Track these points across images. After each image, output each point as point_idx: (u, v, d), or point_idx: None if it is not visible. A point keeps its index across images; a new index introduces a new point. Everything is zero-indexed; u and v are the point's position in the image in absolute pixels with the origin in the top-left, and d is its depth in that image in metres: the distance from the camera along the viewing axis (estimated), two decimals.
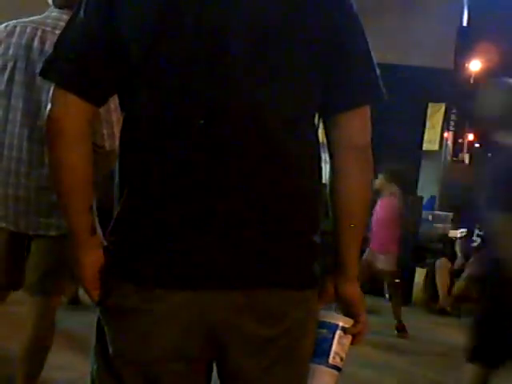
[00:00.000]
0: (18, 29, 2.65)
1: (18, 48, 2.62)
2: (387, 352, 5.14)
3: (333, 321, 1.52)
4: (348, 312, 1.54)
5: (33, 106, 2.60)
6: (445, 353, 5.39)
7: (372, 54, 1.49)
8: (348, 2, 1.47)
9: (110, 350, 1.45)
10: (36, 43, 2.61)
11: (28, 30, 2.64)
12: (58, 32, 2.58)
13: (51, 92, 1.44)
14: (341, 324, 1.51)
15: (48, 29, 2.62)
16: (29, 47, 2.61)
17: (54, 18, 2.66)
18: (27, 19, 2.70)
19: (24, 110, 2.62)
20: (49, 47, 2.57)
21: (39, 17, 2.70)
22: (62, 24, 2.59)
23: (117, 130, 2.55)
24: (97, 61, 1.41)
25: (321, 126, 1.51)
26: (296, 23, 1.41)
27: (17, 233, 2.68)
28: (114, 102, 1.93)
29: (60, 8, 2.66)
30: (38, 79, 2.57)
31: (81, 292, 5.42)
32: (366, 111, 1.48)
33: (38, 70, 2.56)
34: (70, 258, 2.72)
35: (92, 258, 1.47)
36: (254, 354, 1.43)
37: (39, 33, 2.62)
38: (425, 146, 9.46)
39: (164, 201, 1.40)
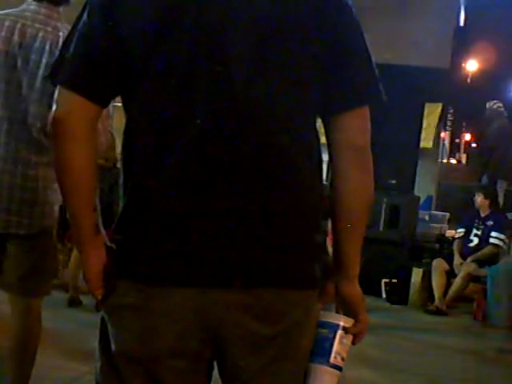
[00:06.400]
0: None
1: None
2: (385, 351, 5.14)
3: (334, 320, 1.52)
4: (348, 312, 1.54)
5: (12, 100, 2.57)
6: (443, 352, 5.40)
7: (371, 54, 1.49)
8: (347, 3, 1.48)
9: (113, 347, 1.46)
10: (15, 37, 2.56)
11: (6, 23, 2.59)
12: (37, 25, 2.54)
13: (56, 93, 1.45)
14: (342, 324, 1.52)
15: (28, 22, 2.58)
16: (8, 40, 2.57)
17: (33, 11, 2.60)
18: (4, 12, 2.64)
19: (3, 104, 2.58)
20: (29, 40, 2.54)
21: (17, 9, 2.65)
22: (41, 17, 2.56)
23: (101, 126, 2.51)
24: (100, 62, 1.43)
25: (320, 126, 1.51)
26: (294, 23, 1.42)
27: None
28: None
29: (39, 1, 2.61)
30: (18, 74, 2.54)
31: (80, 293, 5.43)
32: (365, 112, 1.49)
33: (18, 64, 2.54)
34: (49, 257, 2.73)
35: (96, 257, 1.48)
36: (253, 352, 1.44)
37: (18, 26, 2.57)
38: (420, 145, 9.45)
39: (164, 200, 1.41)
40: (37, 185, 2.59)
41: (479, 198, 7.18)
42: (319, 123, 1.50)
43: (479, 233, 7.10)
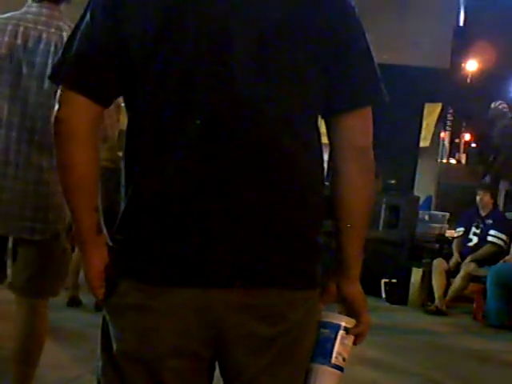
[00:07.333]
0: None
1: (1, 46, 2.56)
2: (385, 351, 5.14)
3: (335, 321, 1.52)
4: (350, 312, 1.54)
5: (19, 105, 2.55)
6: (442, 352, 5.40)
7: (373, 55, 1.49)
8: (349, 3, 1.48)
9: (114, 347, 1.46)
10: (19, 40, 2.54)
11: (9, 27, 2.56)
12: (40, 27, 2.53)
13: (58, 94, 1.45)
14: (343, 324, 1.51)
15: (30, 25, 2.56)
16: (11, 45, 2.55)
17: (34, 13, 2.59)
18: (5, 16, 2.62)
19: (10, 110, 2.56)
20: (32, 43, 2.53)
21: (18, 12, 2.62)
22: (43, 19, 2.54)
23: (109, 120, 2.48)
24: (102, 62, 1.43)
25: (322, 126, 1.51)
26: (296, 23, 1.41)
27: None
28: None
29: (39, 2, 2.59)
30: (24, 78, 2.53)
31: (80, 293, 5.43)
32: (367, 112, 1.49)
33: (23, 69, 2.52)
34: (60, 260, 2.73)
35: (98, 257, 1.48)
36: (254, 352, 1.44)
37: (21, 29, 2.55)
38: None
39: (164, 200, 1.41)
40: (49, 190, 2.57)
41: (486, 197, 7.14)
42: (320, 123, 1.50)
43: (478, 231, 7.09)
